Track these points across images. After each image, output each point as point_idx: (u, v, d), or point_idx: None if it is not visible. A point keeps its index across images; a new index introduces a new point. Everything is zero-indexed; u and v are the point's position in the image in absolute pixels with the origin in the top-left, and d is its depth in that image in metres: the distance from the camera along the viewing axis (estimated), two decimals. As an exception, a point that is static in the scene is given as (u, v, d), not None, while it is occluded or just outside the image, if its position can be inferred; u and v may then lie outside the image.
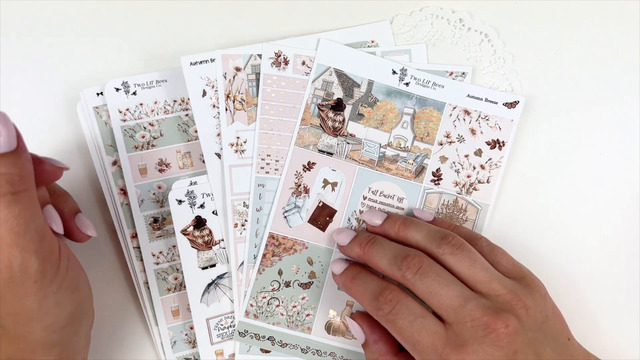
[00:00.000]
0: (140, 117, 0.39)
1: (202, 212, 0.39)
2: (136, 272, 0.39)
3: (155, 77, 0.39)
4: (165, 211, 0.39)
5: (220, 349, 0.39)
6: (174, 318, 0.39)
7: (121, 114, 0.39)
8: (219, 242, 0.39)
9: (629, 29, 0.41)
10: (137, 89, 0.39)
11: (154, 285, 0.38)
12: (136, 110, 0.39)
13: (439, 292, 0.31)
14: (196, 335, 0.38)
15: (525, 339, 0.30)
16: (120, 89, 0.39)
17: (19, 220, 0.25)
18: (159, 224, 0.39)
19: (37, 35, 0.40)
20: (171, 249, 0.39)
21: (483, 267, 0.33)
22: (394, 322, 0.32)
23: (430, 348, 0.30)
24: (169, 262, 0.39)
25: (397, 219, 0.36)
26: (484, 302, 0.31)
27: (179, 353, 0.39)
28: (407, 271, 0.32)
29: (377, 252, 0.34)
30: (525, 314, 0.31)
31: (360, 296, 0.34)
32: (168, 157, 0.39)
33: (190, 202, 0.39)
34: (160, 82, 0.39)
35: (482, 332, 0.30)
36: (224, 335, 0.39)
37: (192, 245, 0.38)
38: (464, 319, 0.30)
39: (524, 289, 0.33)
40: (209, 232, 0.39)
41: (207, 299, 0.39)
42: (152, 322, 0.39)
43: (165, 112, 0.39)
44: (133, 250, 0.39)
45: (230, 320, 0.39)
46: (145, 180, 0.39)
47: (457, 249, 0.33)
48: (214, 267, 0.39)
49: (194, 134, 0.39)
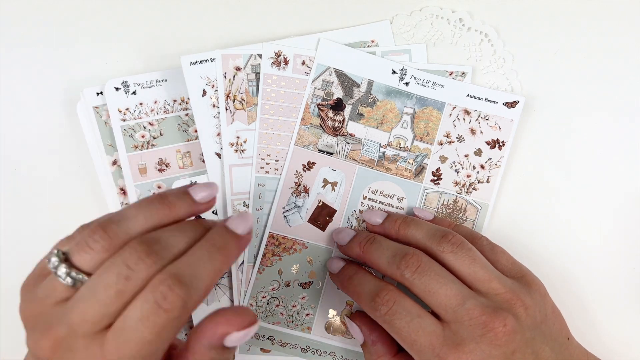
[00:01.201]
0: (140, 116, 0.39)
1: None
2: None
3: (155, 76, 0.39)
4: None
5: None
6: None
7: (121, 114, 0.39)
8: None
9: (629, 29, 0.41)
10: (137, 88, 0.39)
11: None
12: (136, 109, 0.39)
13: (437, 290, 0.31)
14: None
15: (523, 338, 0.30)
16: (120, 88, 0.39)
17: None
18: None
19: (38, 35, 0.40)
20: None
21: (483, 265, 0.32)
22: (392, 322, 0.31)
23: (428, 347, 0.30)
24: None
25: (398, 218, 0.36)
26: (483, 300, 0.31)
27: None
28: (406, 270, 0.32)
29: (376, 251, 0.34)
30: (524, 313, 0.31)
31: (357, 296, 0.34)
32: (168, 156, 0.39)
33: None
34: (160, 81, 0.39)
35: (480, 331, 0.30)
36: None
37: None
38: (462, 318, 0.30)
39: (523, 288, 0.33)
40: None
41: (207, 299, 0.39)
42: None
43: (165, 112, 0.39)
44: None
45: None
46: (145, 180, 0.39)
47: (457, 247, 0.33)
48: None
49: (194, 133, 0.39)
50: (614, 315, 0.40)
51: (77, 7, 0.40)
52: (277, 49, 0.39)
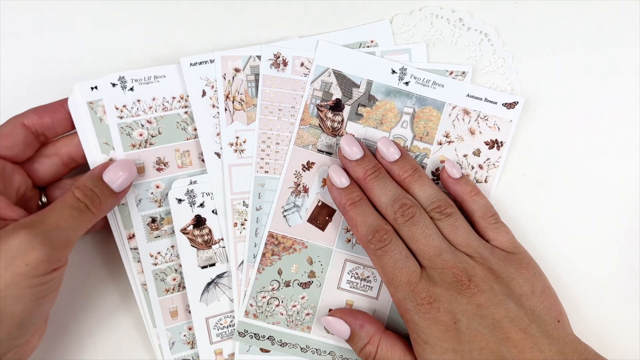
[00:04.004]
0: (138, 114, 0.38)
1: (202, 211, 0.39)
2: (134, 274, 0.38)
3: (154, 72, 0.38)
4: (163, 211, 0.39)
5: (219, 348, 0.39)
6: (173, 319, 0.39)
7: (118, 111, 0.38)
8: (218, 241, 0.39)
9: (629, 29, 0.41)
10: (134, 84, 0.38)
11: (152, 287, 0.38)
12: (133, 106, 0.38)
13: (421, 239, 0.35)
14: (195, 335, 0.39)
15: (491, 298, 0.33)
16: (116, 84, 0.37)
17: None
18: (157, 224, 0.39)
19: (35, 30, 0.40)
20: (169, 250, 0.39)
21: (463, 233, 0.35)
22: (381, 257, 0.35)
23: (406, 283, 0.34)
24: (167, 263, 0.39)
25: (408, 167, 0.37)
26: (460, 256, 0.34)
27: (178, 354, 0.39)
28: (400, 217, 0.35)
29: (378, 188, 0.36)
30: (493, 278, 0.34)
31: (355, 224, 0.36)
32: (166, 155, 0.39)
33: (190, 201, 0.38)
34: (159, 77, 0.38)
35: (450, 279, 0.33)
36: (223, 334, 0.39)
37: (191, 245, 0.38)
38: (436, 265, 0.34)
39: (506, 259, 0.35)
40: (208, 231, 0.39)
41: (207, 298, 0.39)
42: (150, 324, 0.39)
43: (163, 109, 0.38)
44: (131, 252, 0.38)
45: (230, 319, 0.39)
46: (143, 180, 0.38)
47: (445, 216, 0.36)
48: (213, 266, 0.39)
49: (193, 132, 0.39)
50: (614, 315, 0.40)
51: (76, 5, 0.40)
52: (276, 51, 0.39)
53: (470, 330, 0.33)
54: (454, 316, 0.33)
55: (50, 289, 0.31)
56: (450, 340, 0.33)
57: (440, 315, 0.33)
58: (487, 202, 0.38)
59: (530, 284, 0.35)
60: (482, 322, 0.33)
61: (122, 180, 0.35)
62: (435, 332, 0.33)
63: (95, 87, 0.37)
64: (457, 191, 0.38)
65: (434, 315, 0.33)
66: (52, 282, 0.31)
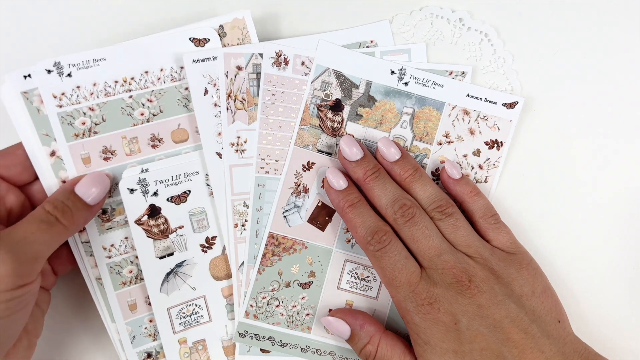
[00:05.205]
0: (79, 101, 0.36)
1: (156, 200, 0.37)
2: (87, 269, 0.37)
3: (92, 55, 0.35)
4: (114, 201, 0.37)
5: (183, 337, 0.38)
6: (132, 312, 0.38)
7: (56, 99, 0.35)
8: (175, 229, 0.38)
9: (629, 29, 0.41)
10: (72, 69, 0.35)
11: (107, 281, 0.37)
12: (73, 94, 0.36)
13: (421, 240, 0.35)
14: (157, 326, 0.38)
15: (491, 298, 0.33)
16: (52, 70, 0.35)
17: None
18: (108, 215, 0.37)
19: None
20: (123, 241, 0.37)
21: (464, 234, 0.35)
22: (381, 258, 0.35)
23: (406, 284, 0.34)
24: (122, 255, 0.38)
25: (409, 167, 0.37)
26: (460, 256, 0.34)
27: (140, 347, 0.38)
28: (400, 217, 0.35)
29: (378, 188, 0.36)
30: (493, 278, 0.34)
31: (353, 225, 0.36)
32: (113, 144, 0.37)
33: (142, 191, 0.37)
34: (99, 61, 0.35)
35: (450, 280, 0.33)
36: (187, 323, 0.38)
37: (147, 235, 0.37)
38: (436, 266, 0.34)
39: (507, 260, 0.35)
40: (164, 220, 0.37)
41: (167, 289, 0.38)
42: (108, 319, 0.38)
43: (106, 95, 0.36)
44: (82, 246, 0.37)
45: (192, 307, 0.38)
46: (89, 170, 0.37)
47: (446, 216, 0.36)
48: (171, 255, 0.38)
49: (140, 117, 0.37)
50: (614, 315, 0.40)
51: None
52: (277, 49, 0.39)
53: (471, 331, 0.33)
54: (454, 317, 0.33)
55: (20, 306, 0.30)
56: (451, 341, 0.33)
57: (441, 316, 0.33)
58: (488, 202, 0.38)
59: (530, 284, 0.35)
60: (483, 322, 0.33)
61: (95, 193, 0.35)
62: (435, 332, 0.33)
63: (29, 76, 0.35)
64: (457, 191, 0.38)
65: (435, 316, 0.33)
66: (21, 299, 0.30)
